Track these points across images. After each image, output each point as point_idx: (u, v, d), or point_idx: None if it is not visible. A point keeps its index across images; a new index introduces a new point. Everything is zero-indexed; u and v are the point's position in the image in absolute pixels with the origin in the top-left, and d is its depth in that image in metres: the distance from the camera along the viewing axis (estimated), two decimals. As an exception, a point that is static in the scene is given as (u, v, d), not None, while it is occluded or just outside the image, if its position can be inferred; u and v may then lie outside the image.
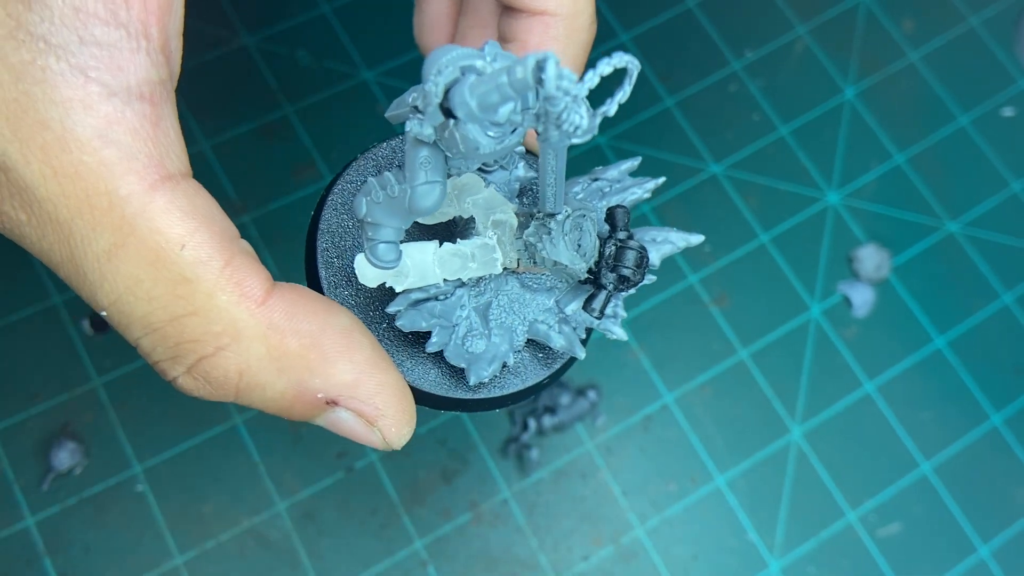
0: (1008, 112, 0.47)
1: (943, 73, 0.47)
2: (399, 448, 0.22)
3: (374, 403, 0.21)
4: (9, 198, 0.19)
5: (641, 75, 0.46)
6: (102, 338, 0.39)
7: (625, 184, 0.25)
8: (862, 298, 0.42)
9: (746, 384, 0.41)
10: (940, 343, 0.42)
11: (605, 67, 0.19)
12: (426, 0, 0.29)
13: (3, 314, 0.39)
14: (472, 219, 0.24)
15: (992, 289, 0.43)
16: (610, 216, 0.23)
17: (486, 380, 0.23)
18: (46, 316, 0.39)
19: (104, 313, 0.20)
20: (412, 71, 0.44)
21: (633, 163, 0.26)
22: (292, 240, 0.41)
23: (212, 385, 0.20)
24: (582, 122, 0.19)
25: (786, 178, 0.45)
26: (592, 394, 0.39)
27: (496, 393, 0.24)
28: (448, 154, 0.20)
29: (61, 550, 0.36)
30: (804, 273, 0.43)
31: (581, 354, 0.24)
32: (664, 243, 0.25)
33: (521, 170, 0.25)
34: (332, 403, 0.21)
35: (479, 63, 0.19)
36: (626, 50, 0.46)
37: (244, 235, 0.40)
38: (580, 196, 0.25)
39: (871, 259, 0.43)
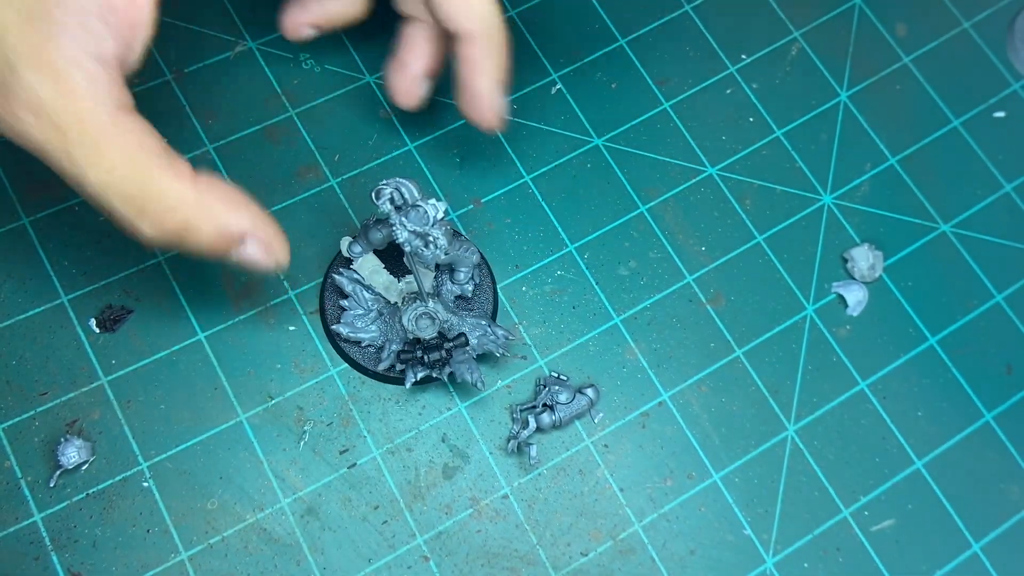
0: (1000, 114, 0.48)
1: (936, 76, 0.48)
2: (285, 266, 0.34)
3: (269, 240, 0.33)
4: (24, 110, 0.28)
5: (638, 78, 0.46)
6: (109, 337, 0.39)
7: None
8: (856, 297, 0.43)
9: (742, 382, 0.41)
10: (933, 341, 0.43)
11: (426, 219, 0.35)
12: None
13: (11, 313, 0.39)
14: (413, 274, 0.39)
15: (984, 288, 0.44)
16: (459, 336, 0.37)
17: (339, 333, 0.39)
18: (53, 315, 0.39)
19: (90, 190, 0.29)
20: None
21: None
22: (295, 242, 0.42)
23: (166, 234, 0.31)
24: (399, 235, 0.34)
25: (781, 180, 0.45)
26: (591, 392, 0.39)
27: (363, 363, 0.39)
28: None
29: (68, 545, 0.36)
30: (799, 273, 0.43)
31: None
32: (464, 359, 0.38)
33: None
34: (243, 237, 0.32)
35: (407, 194, 0.34)
36: (622, 53, 0.46)
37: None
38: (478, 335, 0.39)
39: (865, 259, 0.43)
